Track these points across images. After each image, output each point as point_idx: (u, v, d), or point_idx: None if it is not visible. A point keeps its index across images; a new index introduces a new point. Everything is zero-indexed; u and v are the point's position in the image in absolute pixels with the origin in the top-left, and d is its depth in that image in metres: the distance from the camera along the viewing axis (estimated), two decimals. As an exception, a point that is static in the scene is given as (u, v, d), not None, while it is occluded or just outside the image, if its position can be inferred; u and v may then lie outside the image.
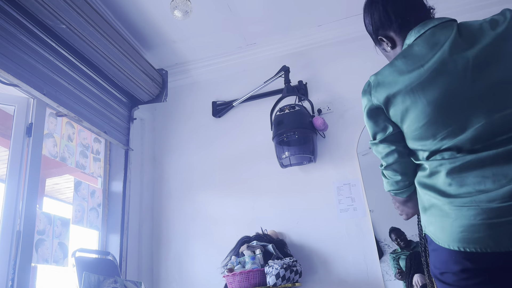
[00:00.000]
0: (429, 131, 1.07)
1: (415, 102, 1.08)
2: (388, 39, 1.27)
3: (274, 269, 2.19)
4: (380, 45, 1.33)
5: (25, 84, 1.97)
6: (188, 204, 2.97)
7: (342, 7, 2.83)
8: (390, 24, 1.24)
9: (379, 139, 1.21)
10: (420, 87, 1.07)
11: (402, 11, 1.21)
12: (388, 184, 1.28)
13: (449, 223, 1.02)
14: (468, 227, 0.98)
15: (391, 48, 1.28)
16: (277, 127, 2.65)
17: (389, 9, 1.23)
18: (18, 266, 1.86)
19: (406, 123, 1.12)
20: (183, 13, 2.37)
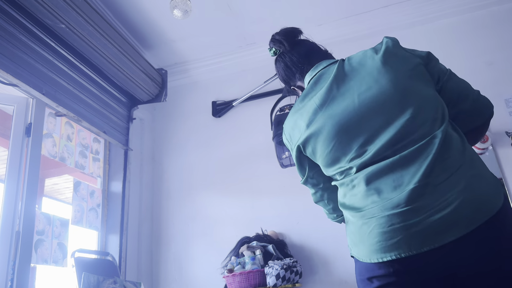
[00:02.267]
0: (334, 156, 1.15)
1: (316, 135, 1.17)
2: (298, 87, 1.40)
3: (274, 270, 2.18)
4: (296, 94, 1.45)
5: (24, 84, 1.96)
6: (187, 204, 2.96)
7: (342, 7, 2.82)
8: (293, 75, 1.38)
9: (303, 180, 1.34)
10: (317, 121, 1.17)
11: (298, 61, 1.36)
12: (326, 214, 1.42)
13: (365, 235, 1.06)
14: (381, 236, 1.01)
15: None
16: (277, 127, 2.64)
17: (288, 63, 1.39)
18: (17, 266, 1.85)
19: (317, 155, 1.20)
20: (182, 12, 2.37)
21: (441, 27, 2.77)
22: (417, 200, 0.99)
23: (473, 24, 2.72)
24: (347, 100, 1.13)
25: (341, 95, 1.15)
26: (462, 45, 2.68)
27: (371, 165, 1.08)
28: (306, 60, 1.35)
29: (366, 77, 1.13)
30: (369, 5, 2.82)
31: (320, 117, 1.16)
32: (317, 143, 1.18)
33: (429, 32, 2.78)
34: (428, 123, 1.05)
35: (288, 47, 1.41)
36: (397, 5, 2.82)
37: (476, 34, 2.69)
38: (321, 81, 1.22)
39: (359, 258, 1.10)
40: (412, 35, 2.82)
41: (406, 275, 1.00)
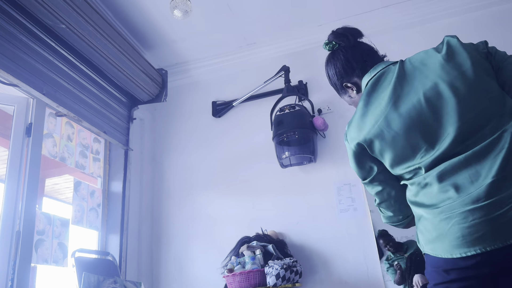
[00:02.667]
0: (402, 155, 1.17)
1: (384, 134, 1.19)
2: (353, 84, 1.40)
3: (274, 270, 2.19)
4: (346, 92, 1.46)
5: (24, 84, 1.96)
6: (188, 204, 2.96)
7: (342, 7, 2.82)
8: (353, 71, 1.37)
9: (368, 179, 1.31)
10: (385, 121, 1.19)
11: (361, 57, 1.36)
12: (385, 217, 1.38)
13: (444, 231, 1.06)
14: (463, 230, 1.02)
15: (356, 92, 1.41)
16: (277, 127, 2.65)
17: (349, 57, 1.38)
18: (17, 266, 1.85)
19: (385, 154, 1.21)
20: (183, 12, 2.37)
21: (441, 27, 2.77)
22: (497, 194, 1.00)
23: (473, 24, 2.72)
24: (412, 99, 1.15)
25: (406, 94, 1.17)
26: (462, 45, 2.68)
27: (443, 162, 1.09)
28: (368, 58, 1.36)
29: (430, 75, 1.14)
30: (369, 5, 2.82)
31: (387, 116, 1.18)
32: (385, 142, 1.19)
33: (429, 32, 2.78)
34: (497, 117, 1.07)
35: (352, 42, 1.40)
36: (397, 5, 2.82)
37: (476, 34, 2.68)
38: (382, 81, 1.24)
39: (436, 255, 1.09)
40: (412, 35, 2.83)
41: (489, 267, 1.01)
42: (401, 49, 2.82)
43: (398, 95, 1.18)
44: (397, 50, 2.91)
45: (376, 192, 1.32)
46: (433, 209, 1.10)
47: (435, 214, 1.09)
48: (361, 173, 1.32)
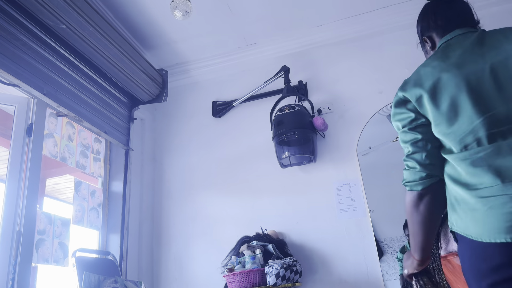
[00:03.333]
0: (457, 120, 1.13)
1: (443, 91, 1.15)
2: (430, 40, 1.38)
3: (274, 269, 2.19)
4: (424, 45, 1.44)
5: (25, 84, 1.97)
6: (188, 204, 2.97)
7: (342, 8, 2.83)
8: (435, 27, 1.36)
9: (408, 127, 1.24)
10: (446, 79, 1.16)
11: (448, 17, 1.34)
12: (407, 174, 1.26)
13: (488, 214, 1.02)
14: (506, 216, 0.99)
15: (431, 48, 1.39)
16: (277, 127, 2.65)
17: (438, 14, 1.36)
18: (18, 266, 1.86)
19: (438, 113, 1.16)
20: (183, 13, 2.37)
21: (441, 27, 2.77)
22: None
23: (473, 24, 2.72)
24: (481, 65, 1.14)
25: (477, 58, 1.15)
26: (462, 45, 2.68)
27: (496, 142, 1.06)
28: (456, 19, 1.33)
29: (508, 48, 1.13)
30: (369, 5, 2.82)
31: (452, 76, 1.15)
32: (441, 100, 1.15)
33: (428, 32, 2.78)
34: None
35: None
36: (397, 5, 2.82)
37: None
38: (459, 43, 1.23)
39: (476, 238, 1.05)
40: (412, 35, 2.81)
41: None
42: (401, 49, 2.83)
43: (465, 59, 1.17)
44: (397, 50, 2.92)
45: (412, 140, 1.23)
46: (476, 190, 1.06)
47: (476, 195, 1.06)
48: (404, 119, 1.25)
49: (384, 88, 2.76)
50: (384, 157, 2.78)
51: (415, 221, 1.26)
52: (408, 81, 1.26)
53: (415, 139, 1.22)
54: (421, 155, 1.21)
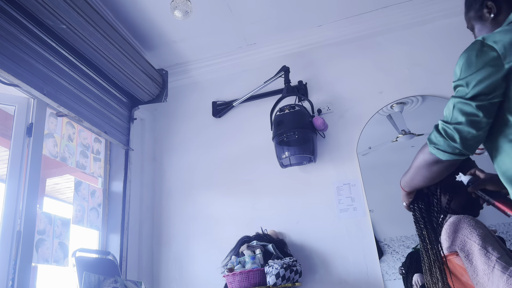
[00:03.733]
0: None
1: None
2: (496, 5, 1.25)
3: (274, 269, 2.19)
4: (478, 10, 1.31)
5: (25, 84, 1.97)
6: (188, 204, 2.97)
7: (342, 8, 2.83)
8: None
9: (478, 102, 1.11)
10: None
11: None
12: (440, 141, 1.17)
13: None
14: None
15: (494, 16, 1.26)
16: (277, 127, 2.65)
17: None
18: (18, 266, 1.86)
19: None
20: (183, 13, 2.37)
21: (441, 27, 2.78)
22: None
23: (473, 24, 2.72)
24: None
25: None
26: (462, 45, 2.67)
27: None
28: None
29: None
30: (369, 5, 2.82)
31: None
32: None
33: (429, 32, 2.79)
34: None
35: None
36: (397, 5, 2.82)
37: (475, 34, 2.69)
38: None
39: None
40: (412, 35, 2.83)
41: None
42: (401, 49, 2.83)
43: None
44: (397, 50, 2.93)
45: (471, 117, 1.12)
46: None
47: None
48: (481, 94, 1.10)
49: (384, 88, 2.76)
50: (384, 157, 2.78)
51: (421, 174, 1.28)
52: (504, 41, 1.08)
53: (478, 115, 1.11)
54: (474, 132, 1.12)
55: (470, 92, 1.12)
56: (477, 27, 1.37)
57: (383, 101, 2.74)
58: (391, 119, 2.77)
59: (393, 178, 1.59)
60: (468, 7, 1.37)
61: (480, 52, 1.11)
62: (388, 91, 2.73)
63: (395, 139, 2.74)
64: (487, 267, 1.24)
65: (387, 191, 2.65)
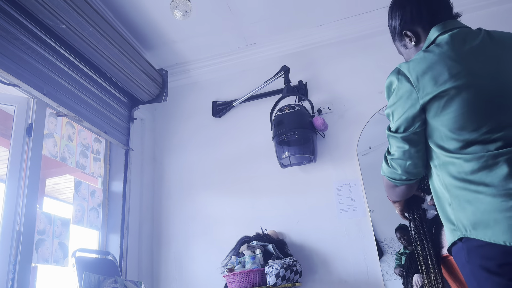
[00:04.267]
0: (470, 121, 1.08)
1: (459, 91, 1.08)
2: (414, 34, 1.30)
3: (274, 269, 2.19)
4: (402, 40, 1.37)
5: (25, 84, 1.97)
6: (188, 204, 2.97)
7: (342, 7, 2.83)
8: (420, 20, 1.28)
9: (402, 135, 1.19)
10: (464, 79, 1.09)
11: (434, 9, 1.27)
12: (387, 171, 1.30)
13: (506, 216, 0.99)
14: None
15: (414, 44, 1.32)
16: (277, 127, 2.65)
17: (422, 6, 1.28)
18: (18, 266, 1.86)
19: (447, 113, 1.10)
20: (183, 13, 2.37)
21: (441, 27, 2.77)
22: None
23: (473, 24, 2.70)
24: (499, 67, 1.11)
25: (492, 59, 1.12)
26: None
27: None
28: (441, 10, 1.27)
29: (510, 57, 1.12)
30: (369, 5, 2.82)
31: (468, 73, 1.09)
32: (455, 100, 1.08)
33: (428, 32, 2.78)
34: None
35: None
36: (397, 5, 2.82)
37: (475, 34, 2.69)
38: (466, 39, 1.16)
39: (490, 240, 1.01)
40: (412, 35, 2.83)
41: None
42: (401, 49, 2.83)
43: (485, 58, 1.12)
44: (397, 50, 2.91)
45: (402, 149, 1.20)
46: (494, 190, 1.02)
47: (495, 196, 1.01)
48: (402, 125, 1.18)
49: (384, 88, 2.75)
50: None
51: (389, 192, 1.41)
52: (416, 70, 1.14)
53: (404, 149, 1.21)
54: (404, 162, 1.23)
55: (394, 125, 1.22)
56: (404, 54, 1.44)
57: (383, 101, 2.73)
58: (391, 119, 2.77)
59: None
60: (393, 37, 1.42)
61: (397, 81, 1.19)
62: (388, 91, 2.73)
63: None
64: None
65: (387, 191, 2.65)
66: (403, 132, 1.19)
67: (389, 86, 1.23)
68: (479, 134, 1.08)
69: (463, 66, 1.10)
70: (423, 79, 1.12)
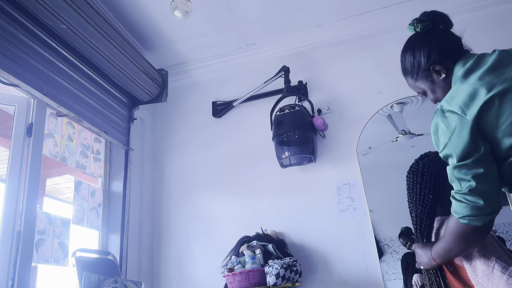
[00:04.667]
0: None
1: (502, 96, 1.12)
2: (444, 67, 1.32)
3: (274, 269, 2.19)
4: (428, 76, 1.37)
5: (25, 84, 1.97)
6: (188, 204, 2.97)
7: (342, 8, 2.83)
8: (449, 54, 1.32)
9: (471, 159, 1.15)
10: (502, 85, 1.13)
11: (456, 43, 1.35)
12: (464, 209, 1.17)
13: None
14: None
15: (444, 77, 1.33)
16: (277, 127, 2.65)
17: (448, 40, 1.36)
18: (18, 266, 1.86)
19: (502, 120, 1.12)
20: (183, 13, 2.37)
21: (441, 27, 2.77)
22: None
23: (473, 24, 2.71)
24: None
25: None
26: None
27: None
28: (461, 46, 1.35)
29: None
30: (369, 5, 2.82)
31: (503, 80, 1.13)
32: (504, 106, 1.10)
33: (428, 32, 2.78)
34: None
35: (450, 26, 1.41)
36: (397, 5, 2.82)
37: (476, 34, 2.69)
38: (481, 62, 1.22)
39: None
40: (411, 35, 2.82)
41: None
42: (401, 49, 2.82)
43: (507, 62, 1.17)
44: (397, 50, 2.91)
45: (474, 174, 1.14)
46: None
47: None
48: (466, 151, 1.15)
49: (384, 88, 2.76)
50: (384, 157, 2.78)
51: (458, 246, 1.23)
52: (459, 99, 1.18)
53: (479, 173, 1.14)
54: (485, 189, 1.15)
55: (458, 157, 1.17)
56: (430, 90, 1.42)
57: (383, 101, 2.74)
58: (391, 119, 2.77)
59: (393, 178, 1.60)
60: (412, 77, 1.43)
61: (444, 119, 1.20)
62: (388, 91, 2.73)
63: (395, 139, 2.74)
64: (487, 267, 1.24)
65: (387, 191, 2.66)
66: (471, 157, 1.15)
67: (435, 130, 1.23)
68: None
69: (496, 77, 1.14)
70: (465, 105, 1.15)
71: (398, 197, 1.58)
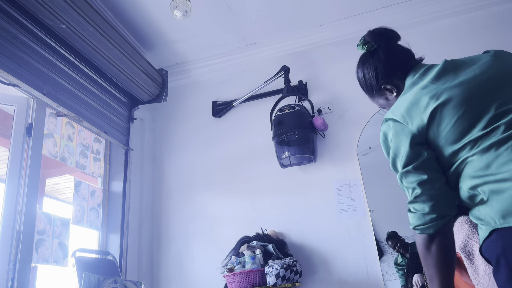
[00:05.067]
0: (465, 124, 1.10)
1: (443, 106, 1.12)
2: (394, 86, 1.36)
3: (274, 269, 2.19)
4: (382, 95, 1.43)
5: (25, 84, 1.97)
6: (188, 204, 2.97)
7: (342, 7, 2.83)
8: (394, 72, 1.35)
9: (413, 166, 1.16)
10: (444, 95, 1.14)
11: (401, 59, 1.36)
12: (414, 219, 1.18)
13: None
14: None
15: (395, 95, 1.37)
16: (277, 127, 2.65)
17: (391, 58, 1.37)
18: (18, 266, 1.86)
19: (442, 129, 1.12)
20: (183, 13, 2.37)
21: (441, 27, 2.78)
22: None
23: (473, 24, 2.72)
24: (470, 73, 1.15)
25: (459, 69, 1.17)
26: (462, 46, 2.68)
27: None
28: (409, 60, 1.36)
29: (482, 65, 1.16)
30: (369, 5, 2.82)
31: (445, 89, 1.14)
32: (444, 114, 1.11)
33: (429, 32, 2.78)
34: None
35: (394, 42, 1.41)
36: (397, 5, 2.82)
37: (475, 34, 2.70)
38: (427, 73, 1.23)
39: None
40: (412, 35, 2.81)
41: None
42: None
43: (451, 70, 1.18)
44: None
45: (419, 181, 1.14)
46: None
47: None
48: (409, 157, 1.17)
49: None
50: (384, 157, 2.77)
51: (429, 264, 1.18)
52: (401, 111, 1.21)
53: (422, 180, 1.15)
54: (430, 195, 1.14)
55: (401, 164, 1.19)
56: (387, 106, 1.49)
57: (383, 101, 2.73)
58: (391, 119, 2.76)
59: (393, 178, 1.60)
60: (369, 95, 1.51)
61: (388, 129, 1.26)
62: (388, 91, 2.73)
63: (395, 139, 2.73)
64: (488, 267, 1.24)
65: (387, 191, 2.65)
66: (413, 163, 1.16)
67: (383, 139, 1.30)
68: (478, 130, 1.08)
69: (438, 86, 1.15)
70: (407, 114, 1.18)
71: (398, 197, 1.57)
